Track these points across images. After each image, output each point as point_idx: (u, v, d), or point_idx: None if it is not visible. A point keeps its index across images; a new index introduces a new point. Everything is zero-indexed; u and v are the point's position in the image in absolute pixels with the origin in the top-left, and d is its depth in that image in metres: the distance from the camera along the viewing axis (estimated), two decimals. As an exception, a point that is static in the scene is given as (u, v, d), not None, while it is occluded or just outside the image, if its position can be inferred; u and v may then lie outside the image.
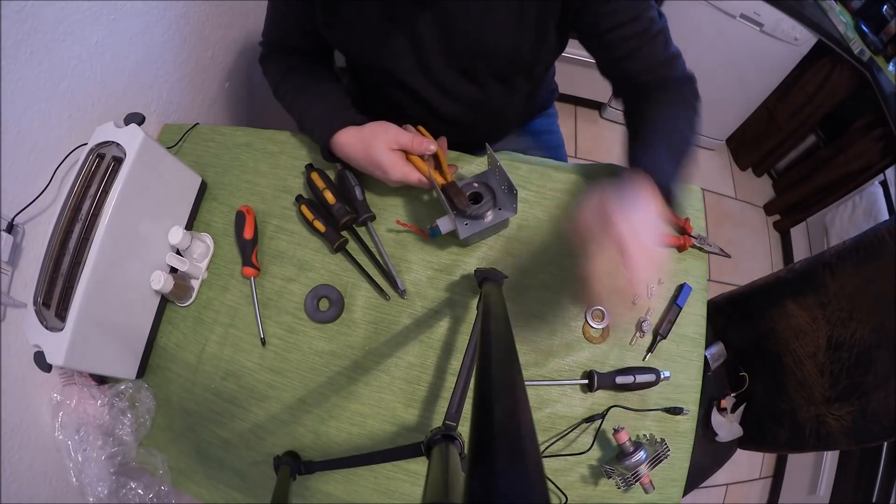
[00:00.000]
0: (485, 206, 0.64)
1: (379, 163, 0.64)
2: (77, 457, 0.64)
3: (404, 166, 0.64)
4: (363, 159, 0.66)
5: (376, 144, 0.64)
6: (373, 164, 0.65)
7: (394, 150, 0.64)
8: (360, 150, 0.66)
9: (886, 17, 1.42)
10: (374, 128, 0.66)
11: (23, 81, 0.61)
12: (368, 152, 0.65)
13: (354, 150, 0.66)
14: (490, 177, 0.66)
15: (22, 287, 0.64)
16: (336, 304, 0.69)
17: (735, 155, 2.09)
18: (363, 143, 0.65)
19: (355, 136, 0.66)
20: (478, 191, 0.65)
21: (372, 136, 0.65)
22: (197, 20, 0.92)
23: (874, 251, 0.74)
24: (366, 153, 0.65)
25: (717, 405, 0.94)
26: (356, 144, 0.66)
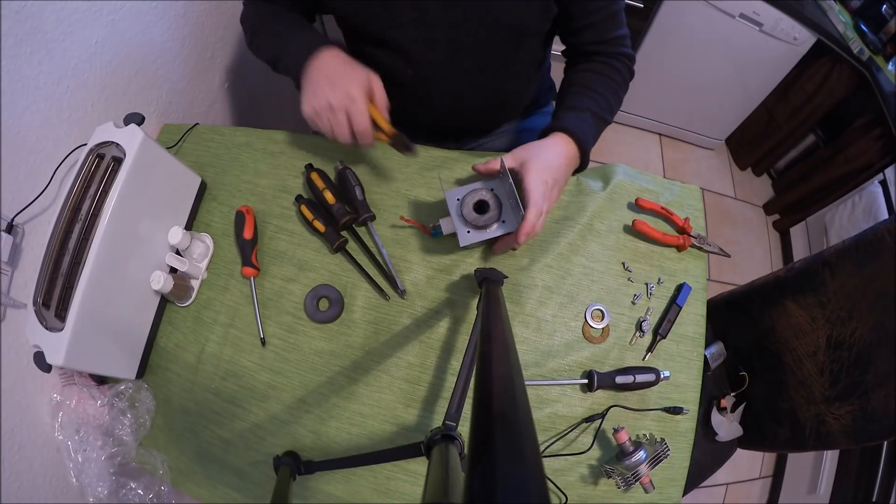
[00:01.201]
0: (490, 218, 0.63)
1: (349, 85, 0.62)
2: (77, 457, 0.64)
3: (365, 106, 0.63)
4: (335, 73, 0.63)
5: (357, 69, 0.64)
6: (340, 84, 0.62)
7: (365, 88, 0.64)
8: (338, 65, 0.64)
9: (885, 16, 1.42)
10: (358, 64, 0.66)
11: (23, 81, 0.61)
12: (347, 70, 0.64)
13: (332, 63, 0.64)
14: (500, 187, 0.65)
15: (22, 287, 0.64)
16: (336, 304, 0.69)
17: (734, 154, 2.09)
18: (346, 63, 0.64)
19: (340, 56, 0.66)
20: (485, 199, 0.64)
21: (357, 65, 0.65)
22: (197, 20, 0.92)
23: (874, 250, 0.74)
24: (343, 70, 0.64)
25: (716, 405, 0.94)
26: (338, 60, 0.65)
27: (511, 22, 0.67)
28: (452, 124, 0.76)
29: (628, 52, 0.73)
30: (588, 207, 0.73)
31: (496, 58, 0.72)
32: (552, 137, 0.67)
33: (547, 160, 0.63)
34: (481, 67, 0.73)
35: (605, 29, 0.70)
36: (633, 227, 0.70)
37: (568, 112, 0.69)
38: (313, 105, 0.63)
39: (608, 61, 0.72)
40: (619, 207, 0.74)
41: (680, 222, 0.72)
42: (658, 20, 1.54)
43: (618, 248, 0.72)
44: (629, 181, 0.77)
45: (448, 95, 0.77)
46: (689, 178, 2.01)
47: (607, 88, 0.71)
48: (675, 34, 1.56)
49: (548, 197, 0.61)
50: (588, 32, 0.70)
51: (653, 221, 0.72)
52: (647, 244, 0.72)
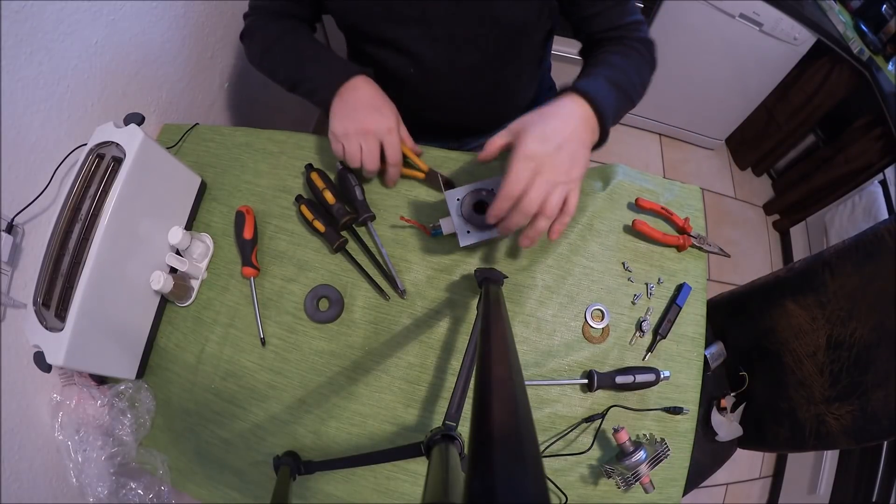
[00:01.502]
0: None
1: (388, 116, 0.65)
2: (77, 457, 0.64)
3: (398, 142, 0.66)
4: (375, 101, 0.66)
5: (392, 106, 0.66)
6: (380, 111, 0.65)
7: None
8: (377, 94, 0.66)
9: (885, 16, 1.42)
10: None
11: (23, 81, 0.61)
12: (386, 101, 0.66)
13: (373, 93, 0.66)
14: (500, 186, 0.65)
15: (22, 287, 0.64)
16: (336, 304, 0.69)
17: (734, 154, 2.09)
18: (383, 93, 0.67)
19: (376, 86, 0.67)
20: (484, 200, 0.63)
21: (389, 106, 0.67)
22: (197, 20, 0.92)
23: (874, 250, 0.74)
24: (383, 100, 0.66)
25: (716, 405, 0.94)
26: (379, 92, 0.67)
27: (511, 19, 0.67)
28: (453, 123, 0.76)
29: (646, 37, 0.69)
30: (588, 207, 0.73)
31: (497, 56, 0.72)
32: (557, 99, 0.56)
33: (544, 128, 0.52)
34: (482, 65, 0.73)
35: (616, 15, 0.67)
36: (633, 227, 0.70)
37: (578, 80, 0.60)
38: (346, 126, 0.64)
39: (626, 43, 0.67)
40: (619, 207, 0.74)
41: (680, 222, 0.72)
42: (658, 20, 1.54)
43: (618, 248, 0.72)
44: (629, 181, 0.77)
45: (449, 94, 0.77)
46: (689, 178, 2.01)
47: (626, 63, 0.65)
48: (675, 34, 1.56)
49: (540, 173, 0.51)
50: (599, 20, 0.68)
51: (653, 221, 0.72)
52: (647, 244, 0.72)
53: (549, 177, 0.51)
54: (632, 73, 0.64)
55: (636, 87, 0.65)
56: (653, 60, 0.69)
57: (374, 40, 0.71)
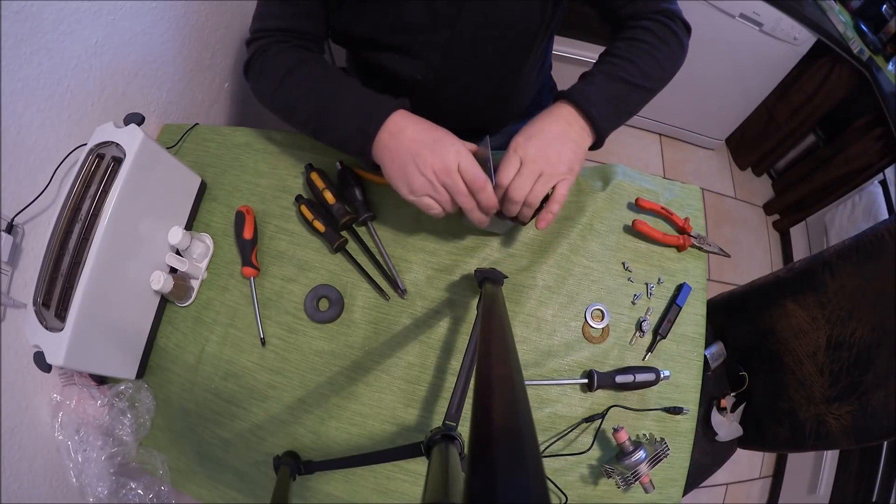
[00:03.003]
0: None
1: (458, 146, 0.55)
2: (77, 457, 0.64)
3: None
4: (431, 136, 0.56)
5: (438, 134, 0.56)
6: (445, 145, 0.55)
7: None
8: (429, 128, 0.57)
9: (885, 16, 1.42)
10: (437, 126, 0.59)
11: (23, 81, 0.61)
12: (437, 131, 0.56)
13: (418, 129, 0.56)
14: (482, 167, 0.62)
15: (22, 287, 0.64)
16: (336, 304, 0.69)
17: (734, 154, 2.09)
18: (428, 123, 0.57)
19: (417, 117, 0.58)
20: None
21: (441, 130, 0.58)
22: (197, 20, 0.92)
23: (874, 250, 0.74)
24: (433, 132, 0.56)
25: (716, 405, 0.94)
26: (421, 123, 0.57)
27: (517, 21, 0.67)
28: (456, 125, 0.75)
29: (668, 7, 0.65)
30: (588, 207, 0.73)
31: (501, 57, 0.72)
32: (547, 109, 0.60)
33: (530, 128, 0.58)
34: (486, 67, 0.73)
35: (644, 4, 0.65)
36: (633, 227, 0.70)
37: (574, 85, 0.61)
38: (411, 186, 0.56)
39: (641, 24, 0.64)
40: (619, 207, 0.74)
41: (680, 222, 0.72)
42: (658, 20, 1.54)
43: (618, 248, 0.72)
44: (629, 181, 0.77)
45: (455, 97, 0.77)
46: (689, 178, 2.01)
47: (635, 51, 0.62)
48: (675, 34, 1.56)
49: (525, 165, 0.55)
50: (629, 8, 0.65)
51: (653, 221, 0.72)
52: (647, 244, 0.72)
53: (533, 168, 0.55)
54: (640, 59, 0.62)
55: (644, 73, 0.63)
56: (676, 34, 0.66)
57: (381, 48, 0.70)
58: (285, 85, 0.64)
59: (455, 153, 0.55)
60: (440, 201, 0.56)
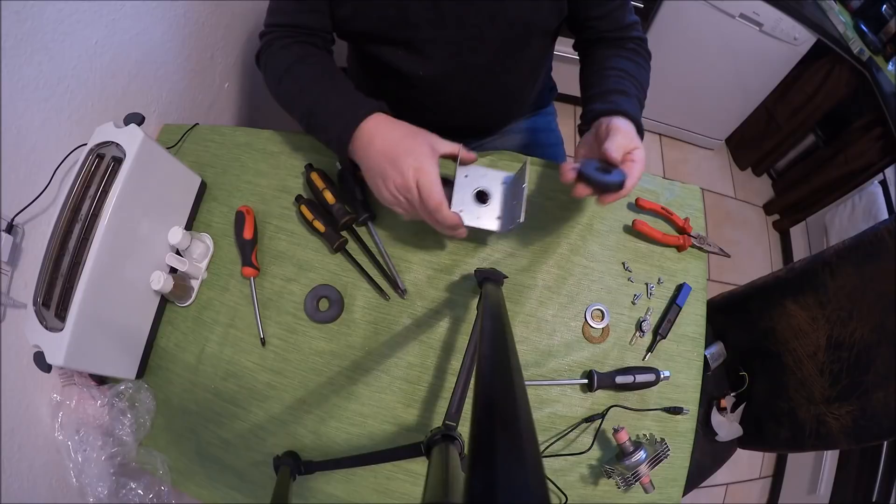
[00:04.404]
0: (487, 210, 0.63)
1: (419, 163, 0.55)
2: (77, 457, 0.64)
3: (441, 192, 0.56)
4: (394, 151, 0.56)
5: (416, 137, 0.57)
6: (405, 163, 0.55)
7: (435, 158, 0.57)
8: (396, 140, 0.57)
9: (885, 16, 1.42)
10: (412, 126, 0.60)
11: (23, 81, 0.61)
12: (406, 142, 0.57)
13: (385, 139, 0.57)
14: (514, 185, 0.64)
15: (22, 287, 0.63)
16: (336, 304, 0.69)
17: (734, 155, 2.09)
18: (400, 131, 0.58)
19: (390, 124, 0.59)
20: (484, 190, 0.64)
21: (414, 130, 0.59)
22: (197, 20, 0.92)
23: (874, 251, 0.74)
24: (402, 143, 0.57)
25: (716, 405, 0.94)
26: (390, 133, 0.58)
27: (524, 20, 0.67)
28: (459, 124, 0.75)
29: (642, 36, 0.73)
30: (588, 207, 0.73)
31: (507, 56, 0.72)
32: (614, 119, 0.60)
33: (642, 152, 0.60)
34: (491, 66, 0.73)
35: (620, 17, 0.71)
36: (633, 228, 0.70)
37: (619, 96, 0.63)
38: (382, 195, 0.58)
39: (633, 48, 0.71)
40: (619, 207, 0.74)
41: (680, 222, 0.72)
42: (658, 20, 1.54)
43: (618, 248, 0.72)
44: (629, 181, 0.76)
45: (458, 95, 0.77)
46: (689, 178, 2.01)
47: (641, 76, 0.69)
48: (675, 34, 1.56)
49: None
50: (604, 22, 0.71)
51: (653, 221, 0.72)
52: (647, 244, 0.72)
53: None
54: (644, 82, 0.69)
55: (645, 95, 0.70)
56: (650, 59, 0.74)
57: (385, 43, 0.70)
58: (284, 82, 0.67)
59: (414, 172, 0.55)
60: (408, 212, 0.59)
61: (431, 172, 0.56)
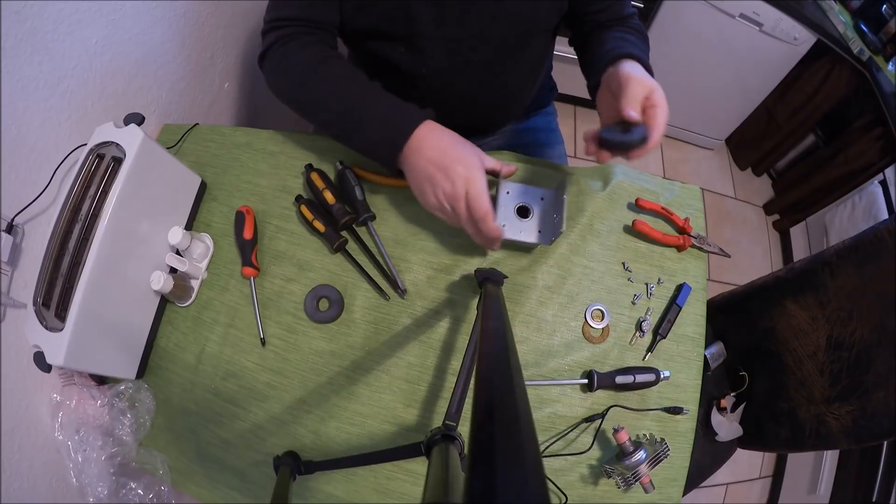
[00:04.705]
0: (528, 225, 0.66)
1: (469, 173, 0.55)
2: (77, 457, 0.64)
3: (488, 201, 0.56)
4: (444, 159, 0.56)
5: (467, 146, 0.58)
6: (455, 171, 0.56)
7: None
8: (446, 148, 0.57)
9: (885, 16, 1.42)
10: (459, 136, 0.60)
11: (23, 81, 0.61)
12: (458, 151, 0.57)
13: (436, 147, 0.57)
14: (552, 199, 0.67)
15: (22, 287, 0.63)
16: (336, 304, 0.69)
17: (734, 154, 2.09)
18: (451, 139, 0.58)
19: (440, 132, 0.59)
20: (526, 205, 0.67)
21: (462, 140, 0.59)
22: (197, 20, 0.92)
23: (874, 251, 0.74)
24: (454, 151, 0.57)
25: (716, 405, 0.94)
26: (440, 141, 0.58)
27: (524, 17, 0.67)
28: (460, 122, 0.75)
29: (643, 25, 0.73)
30: (588, 207, 0.73)
31: (507, 55, 0.73)
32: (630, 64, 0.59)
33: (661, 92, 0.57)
34: (492, 64, 0.73)
35: (619, 9, 0.71)
36: (633, 228, 0.70)
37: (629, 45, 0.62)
38: (428, 202, 0.59)
39: (632, 26, 0.71)
40: (619, 207, 0.74)
41: (680, 222, 0.72)
42: (658, 20, 1.54)
43: (618, 248, 0.72)
44: (629, 181, 0.77)
45: (459, 93, 0.77)
46: (689, 178, 2.01)
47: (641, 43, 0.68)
48: (675, 34, 1.56)
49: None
50: (603, 14, 0.71)
51: (653, 221, 0.72)
52: (647, 244, 0.72)
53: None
54: (645, 49, 0.68)
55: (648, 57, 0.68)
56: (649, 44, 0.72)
57: (386, 40, 0.70)
58: (311, 82, 0.65)
59: (464, 181, 0.56)
60: (452, 219, 0.60)
61: (480, 182, 0.56)
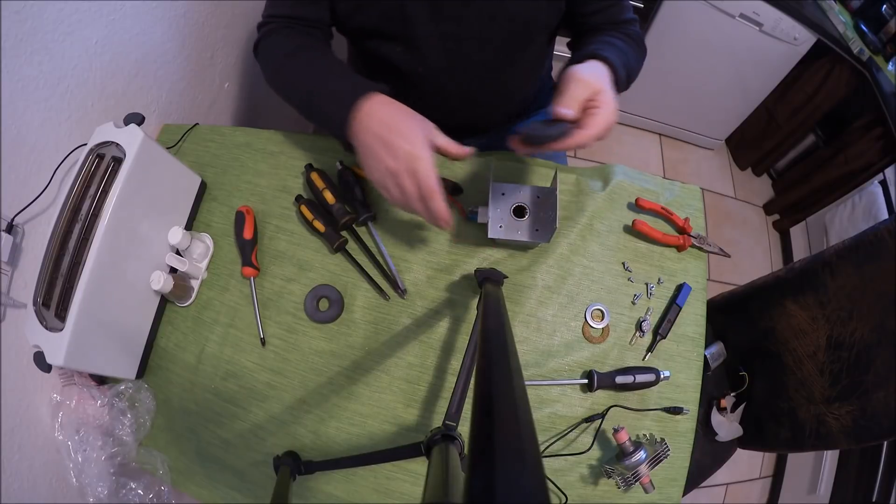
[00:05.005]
0: (524, 224, 0.66)
1: (414, 149, 0.52)
2: (77, 457, 0.64)
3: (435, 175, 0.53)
4: (388, 133, 0.54)
5: (413, 121, 0.55)
6: (399, 146, 0.53)
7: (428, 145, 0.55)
8: (391, 122, 0.54)
9: (885, 16, 1.42)
10: (410, 110, 0.57)
11: (23, 81, 0.61)
12: (402, 125, 0.54)
13: (381, 120, 0.55)
14: (546, 198, 0.68)
15: (22, 287, 0.64)
16: (336, 304, 0.69)
17: (734, 154, 2.09)
18: (397, 114, 0.55)
19: (388, 105, 0.56)
20: (523, 205, 0.67)
21: (410, 114, 0.56)
22: (197, 20, 0.92)
23: (874, 250, 0.74)
24: (397, 125, 0.54)
25: (716, 405, 0.94)
26: (387, 114, 0.55)
27: (523, 17, 0.67)
28: (459, 122, 0.75)
29: (641, 33, 0.73)
30: (588, 207, 0.73)
31: (506, 54, 0.72)
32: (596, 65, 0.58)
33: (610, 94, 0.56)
34: (491, 63, 0.73)
35: (615, 13, 0.71)
36: (633, 227, 0.70)
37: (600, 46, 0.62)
38: (373, 172, 0.56)
39: (627, 32, 0.70)
40: (619, 207, 0.74)
41: (680, 222, 0.72)
42: (658, 20, 1.54)
43: (618, 248, 0.72)
44: (629, 181, 0.77)
45: (457, 93, 0.77)
46: (689, 178, 2.01)
47: (629, 48, 0.67)
48: (675, 34, 1.56)
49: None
50: (598, 17, 0.71)
51: (653, 221, 0.72)
52: (647, 244, 0.72)
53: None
54: (632, 59, 0.67)
55: (632, 74, 0.68)
56: (645, 53, 0.73)
57: (384, 40, 0.70)
58: (283, 70, 0.67)
59: (406, 156, 0.53)
60: (396, 198, 0.56)
61: (426, 159, 0.53)
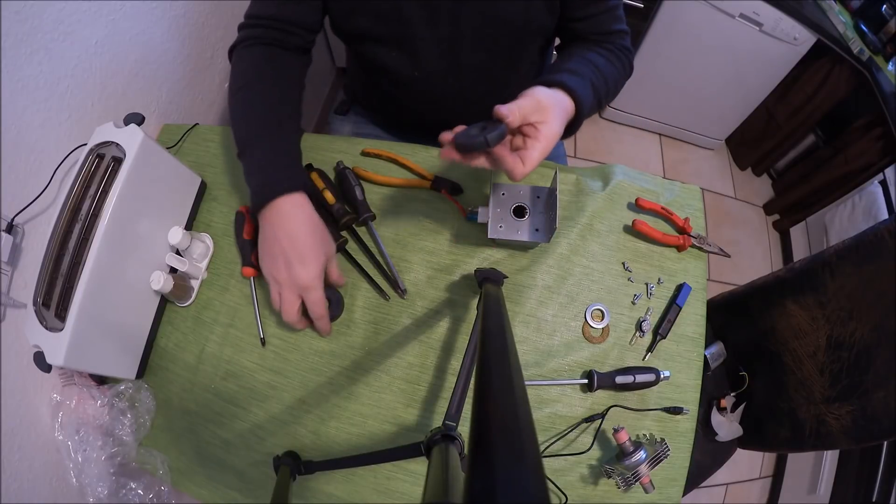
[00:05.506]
0: (524, 224, 0.66)
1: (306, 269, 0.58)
2: (77, 457, 0.64)
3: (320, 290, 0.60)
4: (291, 252, 0.58)
5: (316, 244, 0.60)
6: (294, 266, 0.58)
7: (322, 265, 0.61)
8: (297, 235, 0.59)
9: (885, 16, 1.42)
10: (320, 224, 0.62)
11: (23, 81, 0.61)
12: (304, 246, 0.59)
13: (289, 233, 0.59)
14: (546, 198, 0.67)
15: (22, 287, 0.64)
16: (336, 304, 0.69)
17: (734, 154, 2.09)
18: (304, 230, 0.60)
19: (300, 212, 0.60)
20: (523, 205, 0.67)
21: (316, 229, 0.61)
22: (197, 20, 0.92)
23: (874, 250, 0.74)
24: (301, 247, 0.59)
25: (716, 405, 0.94)
26: (296, 224, 0.60)
27: (518, 20, 0.67)
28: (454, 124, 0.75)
29: (629, 46, 0.72)
30: (588, 207, 0.73)
31: (501, 56, 0.72)
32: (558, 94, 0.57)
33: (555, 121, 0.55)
34: (486, 66, 0.73)
35: (605, 22, 0.69)
36: (633, 227, 0.70)
37: (570, 75, 0.60)
38: (266, 268, 0.61)
39: (611, 49, 0.69)
40: (619, 207, 0.74)
41: (680, 222, 0.72)
42: (658, 20, 1.54)
43: (618, 248, 0.72)
44: (629, 181, 0.77)
45: (452, 95, 0.77)
46: (689, 178, 2.01)
47: (609, 68, 0.67)
48: (675, 34, 1.56)
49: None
50: (587, 24, 0.69)
51: (653, 221, 0.72)
52: (647, 244, 0.72)
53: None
54: (611, 80, 0.66)
55: (609, 96, 0.68)
56: (629, 73, 0.72)
57: (379, 41, 0.70)
58: (239, 94, 0.67)
59: (298, 284, 0.59)
60: (273, 299, 0.61)
61: (317, 288, 0.60)
